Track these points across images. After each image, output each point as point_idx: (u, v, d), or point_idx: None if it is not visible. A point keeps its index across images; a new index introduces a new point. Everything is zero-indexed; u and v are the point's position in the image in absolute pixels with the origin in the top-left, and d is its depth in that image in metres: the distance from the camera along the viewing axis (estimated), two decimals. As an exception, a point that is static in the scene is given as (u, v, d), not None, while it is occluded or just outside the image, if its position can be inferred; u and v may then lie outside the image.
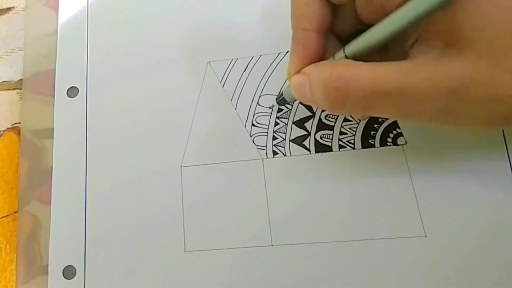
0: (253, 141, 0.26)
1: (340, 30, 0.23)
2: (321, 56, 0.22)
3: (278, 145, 0.26)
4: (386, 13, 0.19)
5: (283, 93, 0.25)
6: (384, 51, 0.21)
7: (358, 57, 0.20)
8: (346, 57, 0.21)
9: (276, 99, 0.26)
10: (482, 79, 0.17)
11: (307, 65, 0.21)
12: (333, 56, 0.22)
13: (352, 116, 0.26)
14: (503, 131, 0.24)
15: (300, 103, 0.27)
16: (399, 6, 0.18)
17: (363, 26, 0.21)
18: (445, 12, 0.18)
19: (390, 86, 0.18)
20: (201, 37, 0.29)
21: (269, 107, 0.27)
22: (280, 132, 0.26)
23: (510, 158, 0.24)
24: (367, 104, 0.19)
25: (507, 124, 0.19)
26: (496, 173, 0.24)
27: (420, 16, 0.18)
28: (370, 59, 0.20)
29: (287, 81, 0.24)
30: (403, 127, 0.25)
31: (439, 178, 0.24)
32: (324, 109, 0.25)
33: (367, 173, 0.25)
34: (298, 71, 0.22)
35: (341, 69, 0.19)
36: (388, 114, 0.20)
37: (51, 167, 0.28)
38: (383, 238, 0.24)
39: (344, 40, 0.22)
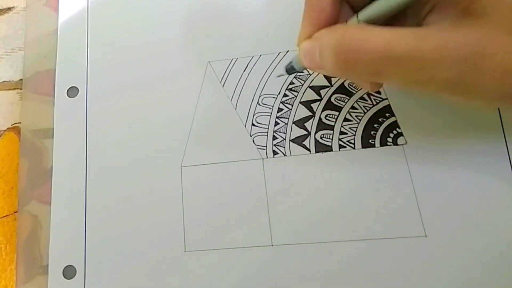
0: (253, 141, 0.26)
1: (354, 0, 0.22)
2: (334, 22, 0.21)
3: (278, 145, 0.26)
4: None
5: (293, 61, 0.24)
6: (399, 21, 0.21)
7: (371, 23, 0.20)
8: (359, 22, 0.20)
9: (285, 67, 0.25)
10: (497, 49, 0.17)
11: (318, 30, 0.21)
12: (346, 22, 0.21)
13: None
14: (503, 131, 0.24)
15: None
16: None
17: None
18: None
19: (402, 50, 0.18)
20: (201, 37, 0.29)
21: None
22: (280, 132, 0.26)
23: (510, 157, 0.24)
24: (378, 68, 0.19)
25: None
26: (496, 173, 0.24)
27: None
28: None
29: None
30: (404, 127, 0.25)
31: (439, 178, 0.24)
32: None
33: (367, 173, 0.25)
34: (309, 37, 0.21)
35: (354, 31, 0.19)
36: (398, 80, 0.19)
37: (51, 167, 0.28)
38: (383, 238, 0.24)
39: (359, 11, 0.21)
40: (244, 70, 0.28)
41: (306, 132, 0.26)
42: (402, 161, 0.25)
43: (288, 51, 0.28)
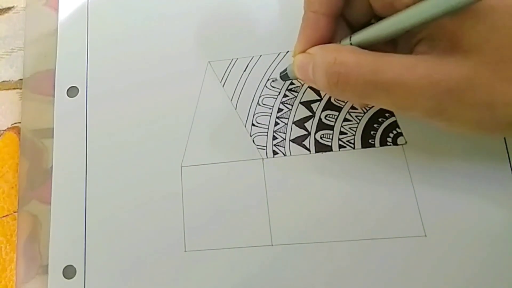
0: (253, 141, 0.26)
1: (352, 18, 0.23)
2: (329, 39, 0.22)
3: (278, 145, 0.26)
4: (396, 10, 0.19)
5: (287, 69, 0.25)
6: (391, 45, 0.21)
7: (364, 47, 0.21)
8: (351, 45, 0.21)
9: (280, 74, 0.26)
10: (480, 84, 0.17)
11: (313, 46, 0.22)
12: (340, 42, 0.22)
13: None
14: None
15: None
16: (408, 5, 0.19)
17: (375, 19, 0.21)
18: (453, 16, 0.18)
19: (389, 78, 0.18)
20: (201, 37, 0.29)
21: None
22: (280, 132, 0.26)
23: (510, 158, 0.24)
24: (366, 92, 0.19)
25: (498, 131, 0.19)
26: (496, 173, 0.24)
27: (427, 19, 0.18)
28: (376, 50, 0.20)
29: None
30: (403, 127, 0.25)
31: (439, 178, 0.24)
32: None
33: (367, 173, 0.25)
34: (304, 51, 0.22)
35: (345, 55, 0.20)
36: (384, 104, 0.20)
37: (51, 167, 0.28)
38: (383, 238, 0.24)
39: (355, 30, 0.22)
40: (244, 70, 0.28)
41: (306, 132, 0.26)
42: (402, 161, 0.25)
43: (288, 51, 0.28)
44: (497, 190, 0.24)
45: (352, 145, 0.26)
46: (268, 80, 0.27)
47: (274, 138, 0.26)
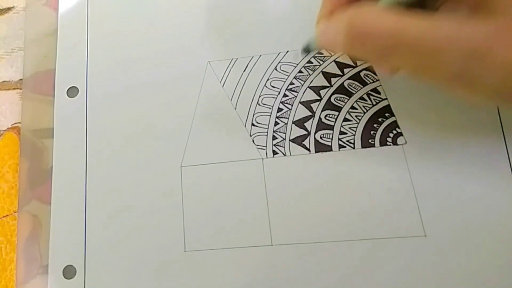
0: (253, 141, 0.26)
1: None
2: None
3: (278, 145, 0.26)
4: None
5: (309, 41, 0.25)
6: (414, 8, 0.21)
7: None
8: None
9: (302, 47, 0.25)
10: (503, 45, 0.17)
11: (337, 9, 0.21)
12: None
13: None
14: (503, 130, 0.24)
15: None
16: None
17: None
18: None
19: (413, 33, 0.18)
20: (201, 37, 0.29)
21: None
22: (280, 131, 0.26)
23: (510, 158, 0.24)
24: (387, 48, 0.19)
25: None
26: (496, 173, 0.24)
27: None
28: None
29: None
30: (403, 127, 0.25)
31: (439, 178, 0.24)
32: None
33: (367, 173, 0.25)
34: (327, 15, 0.22)
35: (368, 9, 0.19)
36: (405, 64, 0.20)
37: (51, 167, 0.28)
38: (383, 238, 0.24)
39: None
40: (244, 70, 0.28)
41: (306, 132, 0.26)
42: (402, 161, 0.25)
43: (288, 51, 0.28)
44: (497, 190, 0.24)
45: (352, 145, 0.26)
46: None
47: (274, 138, 0.26)
